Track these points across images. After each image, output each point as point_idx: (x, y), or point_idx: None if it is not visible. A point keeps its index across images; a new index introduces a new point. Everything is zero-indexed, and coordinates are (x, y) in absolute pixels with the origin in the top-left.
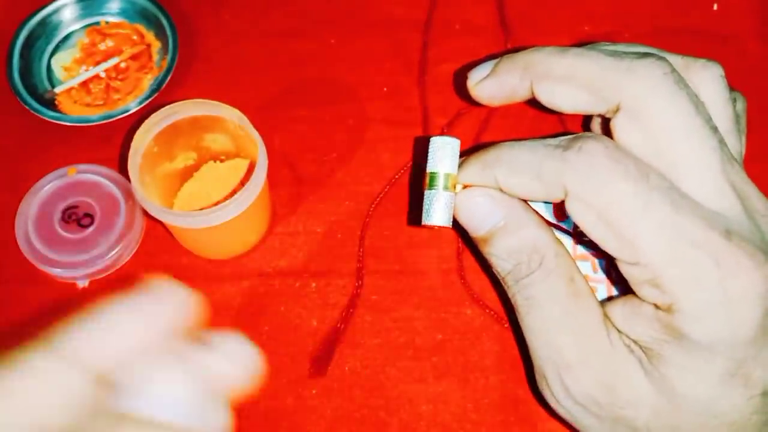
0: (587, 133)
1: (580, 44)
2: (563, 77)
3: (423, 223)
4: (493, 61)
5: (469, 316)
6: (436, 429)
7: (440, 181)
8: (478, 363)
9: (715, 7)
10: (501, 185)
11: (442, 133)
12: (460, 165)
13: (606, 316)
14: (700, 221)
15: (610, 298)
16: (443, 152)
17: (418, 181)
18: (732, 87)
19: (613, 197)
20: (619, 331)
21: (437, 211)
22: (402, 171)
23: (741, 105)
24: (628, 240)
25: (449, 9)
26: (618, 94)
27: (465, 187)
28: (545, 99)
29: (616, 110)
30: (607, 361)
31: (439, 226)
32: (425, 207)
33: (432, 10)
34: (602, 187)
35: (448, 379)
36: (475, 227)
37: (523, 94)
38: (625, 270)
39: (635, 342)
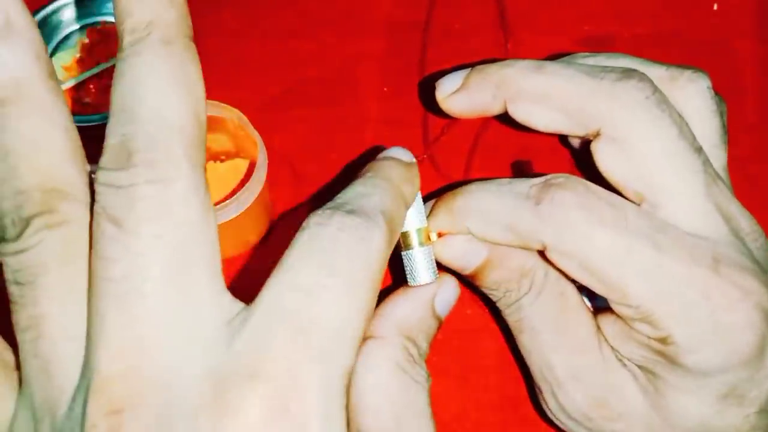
0: (557, 178)
1: (572, 51)
2: (539, 97)
3: (410, 285)
4: (463, 73)
5: (469, 316)
6: (436, 428)
7: (414, 239)
8: (478, 363)
9: (715, 7)
10: (474, 234)
11: (441, 134)
12: (430, 212)
13: (599, 328)
14: (684, 257)
15: (602, 310)
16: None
17: None
18: (714, 91)
19: (592, 248)
20: (611, 346)
21: (420, 271)
22: None
23: (722, 110)
24: (615, 286)
25: (449, 9)
26: (598, 121)
27: (440, 234)
28: (520, 118)
29: (597, 135)
30: (599, 376)
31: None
32: (407, 269)
33: (431, 11)
34: (580, 239)
35: (448, 378)
36: (461, 269)
37: (496, 111)
38: (617, 308)
39: (628, 359)
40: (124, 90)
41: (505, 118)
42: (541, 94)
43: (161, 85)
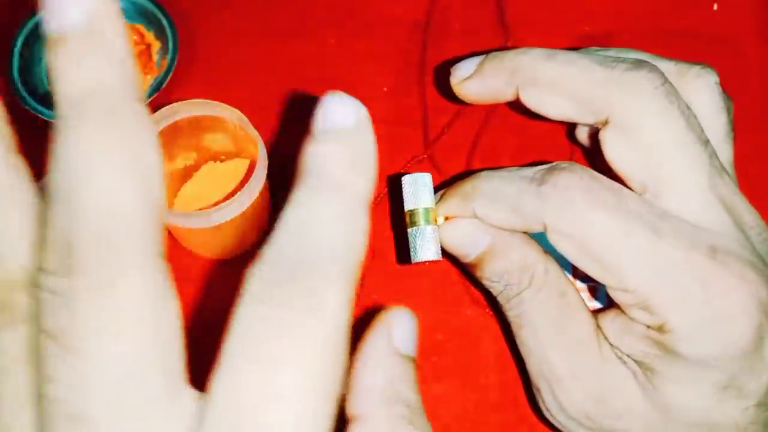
0: (562, 164)
1: (571, 48)
2: (551, 85)
3: (413, 261)
4: (478, 59)
5: (469, 316)
6: (436, 429)
7: (421, 217)
8: (478, 363)
9: (715, 7)
10: (480, 217)
11: (441, 134)
12: (440, 198)
13: (598, 327)
14: (682, 243)
15: (603, 309)
16: (418, 188)
17: (397, 221)
18: (721, 87)
19: (591, 230)
20: (611, 344)
21: (424, 247)
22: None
23: (728, 106)
24: (612, 269)
25: (449, 9)
26: (608, 109)
27: (447, 218)
28: (532, 105)
29: (605, 123)
30: (598, 374)
31: (430, 261)
32: (412, 245)
33: (432, 11)
34: (580, 221)
35: (448, 379)
36: (464, 255)
37: (508, 97)
38: (614, 294)
39: (628, 355)
40: (62, 173)
41: (502, 120)
42: (553, 81)
43: (105, 165)
